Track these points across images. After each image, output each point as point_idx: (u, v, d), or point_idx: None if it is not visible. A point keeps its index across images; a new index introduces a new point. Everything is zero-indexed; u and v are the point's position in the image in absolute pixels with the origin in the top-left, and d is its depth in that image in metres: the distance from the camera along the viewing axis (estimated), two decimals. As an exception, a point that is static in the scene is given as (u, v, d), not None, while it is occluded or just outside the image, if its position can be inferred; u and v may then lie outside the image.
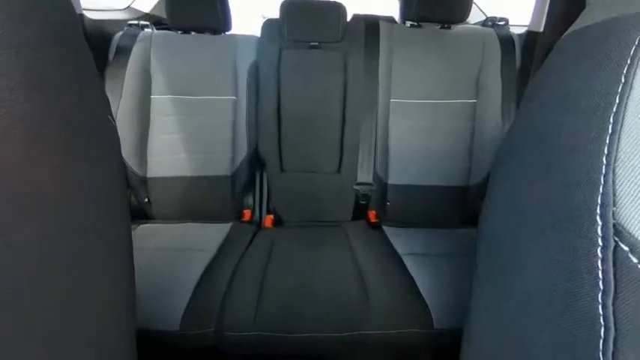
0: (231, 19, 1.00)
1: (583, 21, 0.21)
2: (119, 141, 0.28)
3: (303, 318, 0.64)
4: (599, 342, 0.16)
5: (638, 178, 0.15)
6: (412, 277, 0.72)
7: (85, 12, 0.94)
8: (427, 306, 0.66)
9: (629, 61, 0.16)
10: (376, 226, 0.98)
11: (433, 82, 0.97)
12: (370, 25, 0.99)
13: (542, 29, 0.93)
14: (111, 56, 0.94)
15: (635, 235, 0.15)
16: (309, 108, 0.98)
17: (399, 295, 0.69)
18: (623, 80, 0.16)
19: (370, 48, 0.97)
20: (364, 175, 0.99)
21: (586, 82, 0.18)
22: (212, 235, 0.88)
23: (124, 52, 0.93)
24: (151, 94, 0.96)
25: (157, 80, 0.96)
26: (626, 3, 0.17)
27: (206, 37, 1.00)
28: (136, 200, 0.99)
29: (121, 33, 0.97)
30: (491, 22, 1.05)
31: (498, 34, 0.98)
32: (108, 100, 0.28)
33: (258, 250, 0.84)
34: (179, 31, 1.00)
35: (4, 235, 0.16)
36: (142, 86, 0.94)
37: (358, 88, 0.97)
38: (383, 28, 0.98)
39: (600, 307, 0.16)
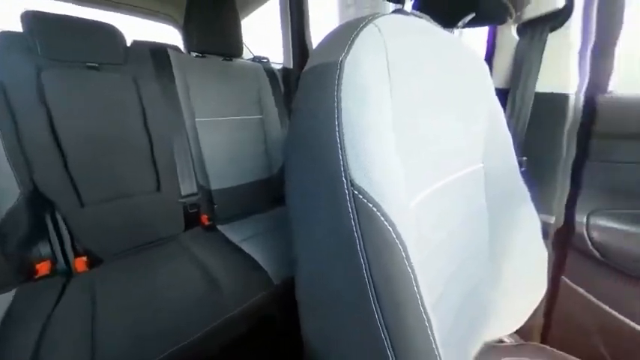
0: None
1: (311, 62, 0.31)
2: None
3: (155, 339, 0.58)
4: (356, 244, 0.26)
5: (356, 154, 0.26)
6: (250, 255, 0.81)
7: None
8: (265, 271, 0.75)
9: (335, 88, 0.26)
10: (211, 228, 1.03)
11: (228, 103, 1.11)
12: (157, 51, 1.02)
13: (291, 66, 1.23)
14: None
15: (359, 185, 0.26)
16: (105, 132, 0.88)
17: (243, 272, 0.76)
18: (335, 99, 0.26)
19: (163, 73, 1.00)
20: (188, 188, 1.02)
21: (317, 100, 0.28)
22: None
23: None
24: None
25: None
26: (327, 54, 0.28)
27: None
28: None
29: None
30: (257, 59, 1.28)
31: (265, 68, 1.21)
32: None
33: (75, 300, 0.68)
34: None
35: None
36: None
37: (159, 110, 0.97)
38: (172, 55, 1.04)
39: (353, 225, 0.27)
